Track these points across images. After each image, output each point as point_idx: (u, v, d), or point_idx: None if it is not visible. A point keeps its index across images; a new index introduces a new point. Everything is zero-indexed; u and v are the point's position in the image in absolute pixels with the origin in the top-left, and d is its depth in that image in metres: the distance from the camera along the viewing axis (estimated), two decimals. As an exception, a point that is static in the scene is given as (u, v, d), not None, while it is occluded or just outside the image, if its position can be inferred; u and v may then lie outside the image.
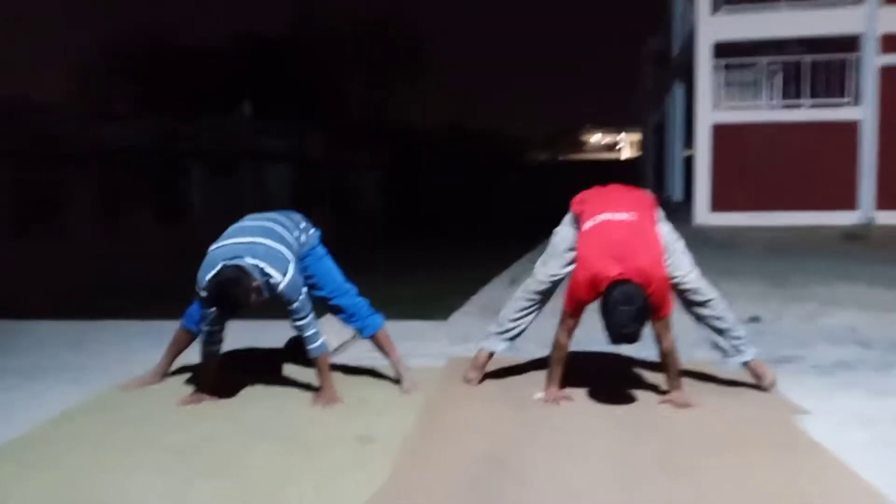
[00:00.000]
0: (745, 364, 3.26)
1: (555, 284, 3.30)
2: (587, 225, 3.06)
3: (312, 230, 3.48)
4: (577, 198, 3.29)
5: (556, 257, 3.27)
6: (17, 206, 14.72)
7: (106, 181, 16.67)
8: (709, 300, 3.23)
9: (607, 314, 2.83)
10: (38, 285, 7.69)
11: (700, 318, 3.27)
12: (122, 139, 17.25)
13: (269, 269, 3.04)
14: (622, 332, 2.80)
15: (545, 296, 3.34)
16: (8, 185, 14.47)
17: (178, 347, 3.60)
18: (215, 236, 3.26)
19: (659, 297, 2.93)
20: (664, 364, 3.10)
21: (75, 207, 16.00)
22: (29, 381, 3.80)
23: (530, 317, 3.39)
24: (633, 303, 2.79)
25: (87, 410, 3.28)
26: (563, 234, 3.28)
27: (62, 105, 20.15)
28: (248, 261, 3.03)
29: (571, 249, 3.17)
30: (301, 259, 3.31)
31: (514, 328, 3.41)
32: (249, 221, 3.33)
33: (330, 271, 3.47)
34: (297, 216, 3.47)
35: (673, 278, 3.10)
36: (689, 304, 3.25)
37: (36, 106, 16.73)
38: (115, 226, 16.24)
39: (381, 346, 3.56)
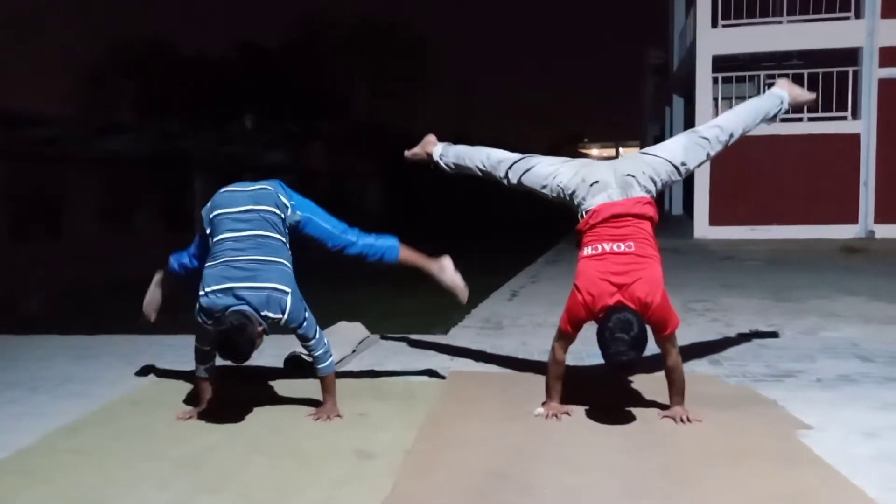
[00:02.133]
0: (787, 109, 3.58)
1: (513, 171, 3.45)
2: (587, 251, 3.08)
3: (290, 199, 3.33)
4: (590, 216, 3.13)
5: (541, 178, 3.37)
6: (17, 214, 14.71)
7: (108, 190, 16.68)
8: (715, 136, 3.39)
9: (603, 342, 2.84)
10: (43, 293, 7.68)
11: (736, 134, 3.45)
12: (125, 149, 17.30)
13: (270, 314, 3.05)
14: (619, 359, 2.81)
15: (496, 167, 3.51)
16: (9, 194, 14.47)
17: (166, 285, 3.80)
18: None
19: (659, 318, 2.97)
20: (669, 379, 3.10)
21: (77, 215, 16.00)
22: (34, 394, 3.81)
23: (470, 164, 3.61)
24: (629, 330, 2.80)
25: (90, 423, 3.28)
26: (561, 181, 3.29)
27: (63, 116, 20.20)
28: (247, 307, 3.00)
29: (553, 188, 3.32)
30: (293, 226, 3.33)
31: (460, 157, 3.65)
32: (242, 227, 3.15)
33: (323, 228, 3.43)
34: (275, 188, 3.31)
35: (683, 169, 3.32)
36: (719, 145, 3.43)
37: (35, 116, 16.76)
38: (117, 234, 16.24)
39: (410, 265, 3.59)
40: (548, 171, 3.34)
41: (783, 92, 3.58)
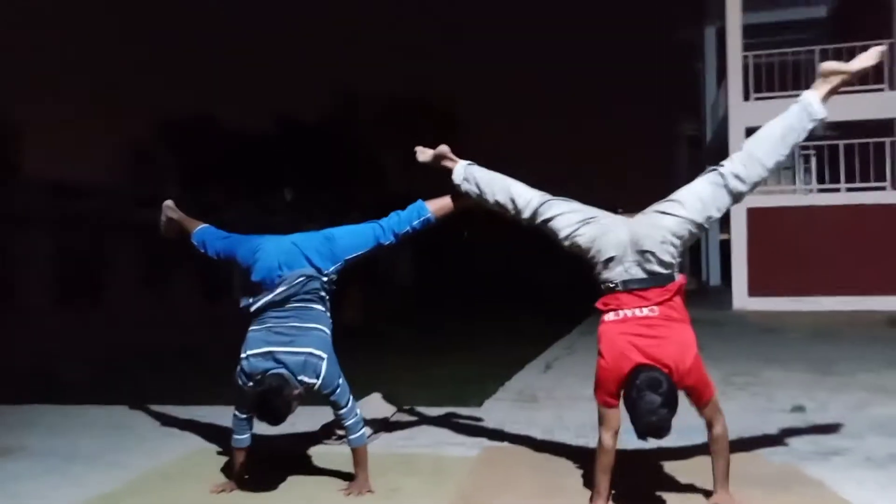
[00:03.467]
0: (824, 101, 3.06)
1: (533, 217, 3.25)
2: (609, 316, 2.96)
3: (324, 265, 3.34)
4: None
5: (558, 231, 3.17)
6: (61, 281, 15.17)
7: (149, 259, 17.15)
8: (737, 188, 3.02)
9: (631, 403, 2.67)
10: (82, 362, 7.81)
11: (779, 155, 3.06)
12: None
13: (305, 379, 3.11)
14: (650, 420, 2.62)
15: (519, 209, 3.28)
16: (52, 261, 14.98)
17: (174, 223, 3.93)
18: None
19: (693, 383, 2.80)
20: (713, 451, 2.88)
21: (118, 283, 16.43)
22: (70, 464, 3.84)
23: (491, 197, 3.36)
24: (658, 388, 2.64)
25: (125, 493, 3.29)
26: (578, 243, 3.11)
27: (108, 187, 20.96)
28: (286, 371, 3.09)
29: (572, 232, 3.12)
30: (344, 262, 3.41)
31: (482, 186, 3.39)
32: (284, 301, 3.24)
33: (363, 254, 3.47)
34: (308, 266, 3.31)
35: (708, 222, 3.05)
36: (744, 195, 3.07)
37: (81, 187, 17.42)
38: (157, 302, 16.59)
39: (444, 213, 3.60)
40: (566, 230, 3.15)
41: (811, 99, 3.08)
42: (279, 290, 3.25)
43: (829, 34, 15.85)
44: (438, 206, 3.61)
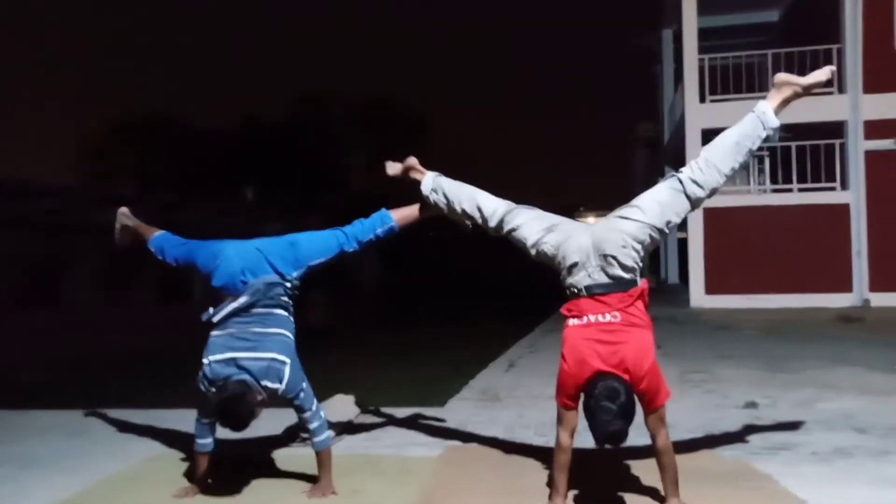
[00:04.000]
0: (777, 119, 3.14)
1: (500, 225, 3.31)
2: (572, 321, 3.01)
3: (286, 270, 3.33)
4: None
5: (524, 240, 3.23)
6: (20, 282, 14.80)
7: (107, 261, 16.79)
8: (695, 192, 3.09)
9: (589, 411, 2.75)
10: (37, 366, 7.65)
11: (735, 161, 3.12)
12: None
13: (268, 384, 3.12)
14: (607, 429, 2.70)
15: (486, 218, 3.36)
16: (12, 263, 14.60)
17: (129, 231, 3.85)
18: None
19: (648, 387, 2.87)
20: (660, 464, 2.95)
21: (76, 284, 16.08)
22: (25, 471, 3.78)
23: (458, 206, 3.43)
24: (616, 398, 2.71)
25: (83, 500, 3.26)
26: (544, 251, 3.16)
27: (66, 187, 20.49)
28: (248, 377, 3.09)
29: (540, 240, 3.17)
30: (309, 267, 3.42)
31: (450, 197, 3.45)
32: (248, 307, 3.22)
33: (327, 260, 3.46)
34: (271, 274, 3.30)
35: (668, 227, 3.11)
36: (703, 200, 3.13)
37: (38, 187, 16.99)
38: (115, 303, 16.27)
39: (407, 222, 3.63)
40: (532, 238, 3.21)
41: (765, 108, 3.16)
42: (242, 298, 3.24)
43: (781, 38, 16.29)
44: (402, 215, 3.63)
